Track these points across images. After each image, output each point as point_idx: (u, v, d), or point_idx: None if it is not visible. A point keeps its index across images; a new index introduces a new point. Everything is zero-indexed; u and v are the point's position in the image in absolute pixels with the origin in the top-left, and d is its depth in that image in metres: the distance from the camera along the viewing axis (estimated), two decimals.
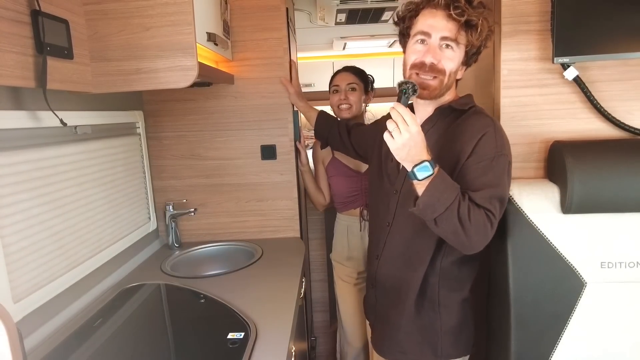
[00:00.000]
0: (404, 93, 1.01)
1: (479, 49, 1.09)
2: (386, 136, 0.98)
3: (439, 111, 1.13)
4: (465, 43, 1.06)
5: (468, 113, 1.11)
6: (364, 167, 1.84)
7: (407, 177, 1.01)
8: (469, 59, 1.10)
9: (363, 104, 1.86)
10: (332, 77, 1.90)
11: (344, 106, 1.81)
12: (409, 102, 1.03)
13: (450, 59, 1.06)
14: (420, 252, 1.15)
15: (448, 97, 1.14)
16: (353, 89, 1.82)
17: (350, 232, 1.89)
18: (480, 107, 1.14)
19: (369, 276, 1.35)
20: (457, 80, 1.15)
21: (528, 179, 1.24)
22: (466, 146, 1.04)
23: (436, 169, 0.98)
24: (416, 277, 1.15)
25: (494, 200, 1.00)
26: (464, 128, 1.07)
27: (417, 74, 1.08)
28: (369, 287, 1.36)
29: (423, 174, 0.97)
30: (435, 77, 1.07)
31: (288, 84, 1.78)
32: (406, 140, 0.95)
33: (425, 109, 1.16)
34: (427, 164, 0.96)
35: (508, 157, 1.04)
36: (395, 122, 0.96)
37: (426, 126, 1.15)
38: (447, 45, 1.05)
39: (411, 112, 0.98)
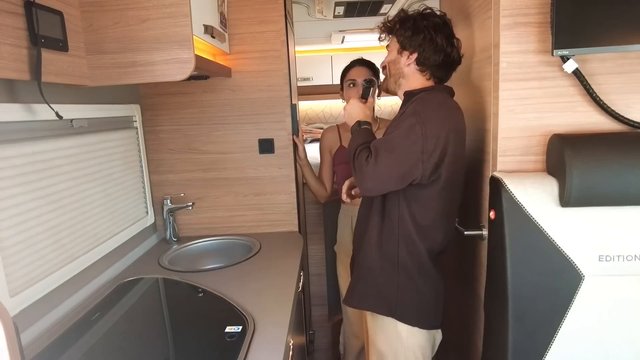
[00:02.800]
0: (364, 87, 1.53)
1: (404, 40, 1.30)
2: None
3: (404, 97, 1.37)
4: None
5: (419, 95, 1.31)
6: None
7: None
8: (405, 46, 1.30)
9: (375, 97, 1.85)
10: (347, 70, 1.89)
11: None
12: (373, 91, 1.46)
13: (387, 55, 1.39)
14: (369, 210, 1.36)
15: (416, 85, 1.34)
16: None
17: (354, 222, 1.89)
18: (430, 92, 1.31)
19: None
20: (424, 71, 1.31)
21: (527, 172, 1.24)
22: (398, 117, 1.32)
23: (362, 127, 1.32)
24: (369, 233, 1.34)
25: (378, 145, 1.20)
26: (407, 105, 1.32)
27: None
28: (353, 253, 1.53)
29: (354, 128, 1.34)
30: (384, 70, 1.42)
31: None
32: (347, 110, 1.39)
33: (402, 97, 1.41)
34: (358, 122, 1.34)
35: (416, 119, 1.19)
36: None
37: (401, 110, 1.38)
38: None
39: (353, 99, 1.42)
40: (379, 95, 1.86)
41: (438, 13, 1.31)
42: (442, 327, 1.39)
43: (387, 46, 1.38)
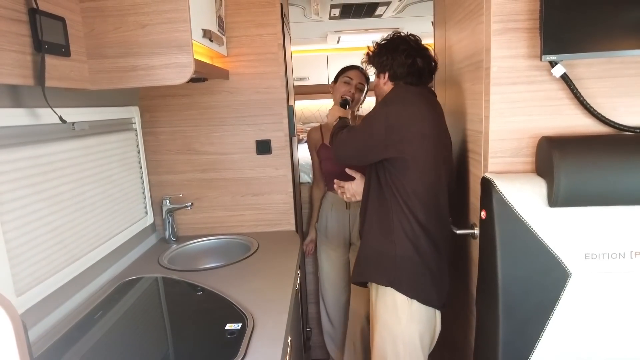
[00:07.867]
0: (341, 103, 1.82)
1: (377, 65, 1.55)
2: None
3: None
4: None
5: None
6: None
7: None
8: (379, 70, 1.54)
9: (359, 104, 2.06)
10: (346, 69, 2.05)
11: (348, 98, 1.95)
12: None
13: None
14: (367, 188, 1.51)
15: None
16: (360, 90, 2.00)
17: (334, 208, 2.15)
18: (394, 93, 1.49)
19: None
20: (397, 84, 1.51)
21: (517, 173, 1.27)
22: None
23: (341, 119, 1.66)
24: (369, 210, 1.48)
25: (351, 127, 1.54)
26: None
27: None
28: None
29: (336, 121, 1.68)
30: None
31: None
32: (330, 112, 1.75)
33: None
34: (339, 117, 1.68)
35: (382, 109, 1.41)
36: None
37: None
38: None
39: (335, 105, 1.83)
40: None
41: (402, 34, 1.52)
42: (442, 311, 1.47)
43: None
